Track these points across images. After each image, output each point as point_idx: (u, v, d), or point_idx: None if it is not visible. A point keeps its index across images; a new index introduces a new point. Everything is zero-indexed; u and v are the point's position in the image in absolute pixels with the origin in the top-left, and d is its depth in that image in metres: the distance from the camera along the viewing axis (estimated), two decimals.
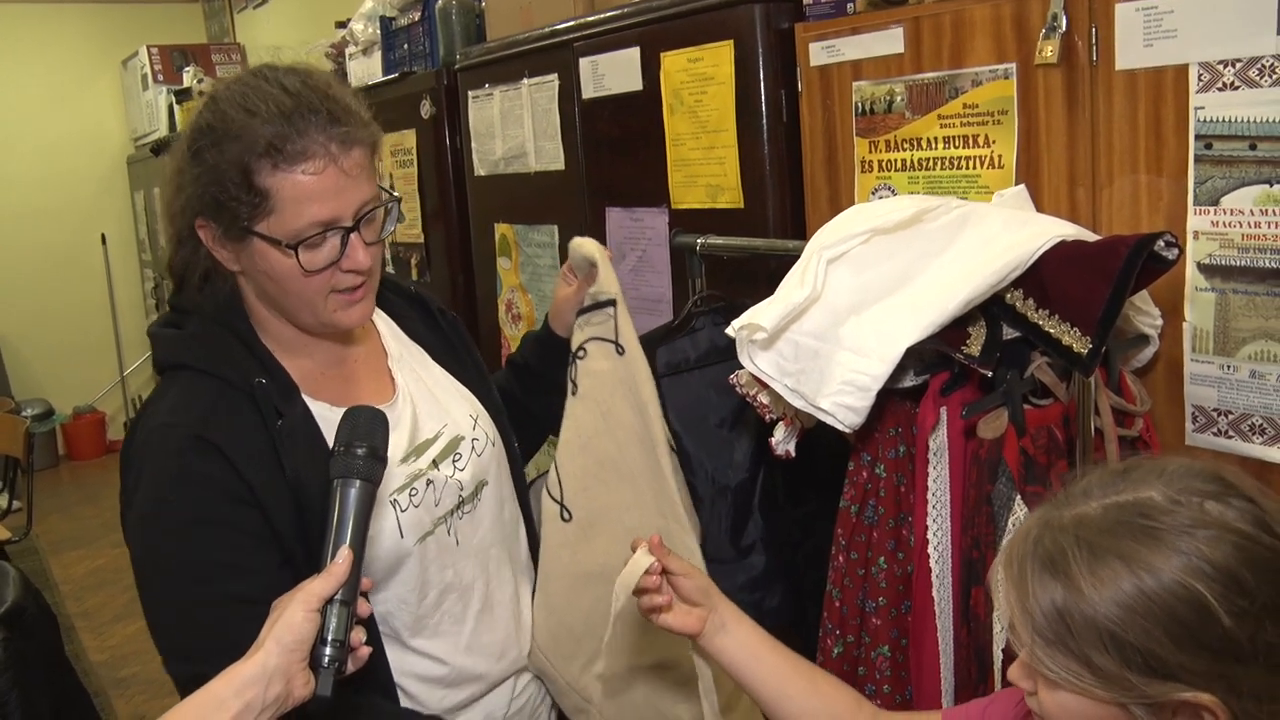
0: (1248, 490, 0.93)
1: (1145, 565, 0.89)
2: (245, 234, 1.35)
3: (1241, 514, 0.91)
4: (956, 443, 1.47)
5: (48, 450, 7.54)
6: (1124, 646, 0.88)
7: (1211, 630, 0.86)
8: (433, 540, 1.49)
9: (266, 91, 1.34)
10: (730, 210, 2.27)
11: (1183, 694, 0.88)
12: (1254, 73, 1.46)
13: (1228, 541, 0.89)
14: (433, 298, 1.74)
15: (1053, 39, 1.66)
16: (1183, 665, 0.87)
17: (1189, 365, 1.60)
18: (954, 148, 1.86)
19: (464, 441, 1.57)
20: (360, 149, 1.38)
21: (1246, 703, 0.87)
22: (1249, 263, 1.51)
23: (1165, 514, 0.91)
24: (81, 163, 7.82)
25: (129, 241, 7.97)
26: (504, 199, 3.13)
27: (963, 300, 1.43)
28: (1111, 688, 0.90)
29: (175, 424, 1.36)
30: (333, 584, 1.16)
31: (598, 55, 2.58)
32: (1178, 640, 0.87)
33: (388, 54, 3.86)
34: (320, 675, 1.14)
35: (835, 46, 2.02)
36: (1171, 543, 0.89)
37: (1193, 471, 0.95)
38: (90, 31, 7.77)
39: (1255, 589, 0.87)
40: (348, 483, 1.22)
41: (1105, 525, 0.93)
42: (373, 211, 1.41)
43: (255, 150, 1.31)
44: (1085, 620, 0.90)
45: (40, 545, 5.87)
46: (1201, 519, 0.90)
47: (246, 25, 7.54)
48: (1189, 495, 0.92)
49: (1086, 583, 0.91)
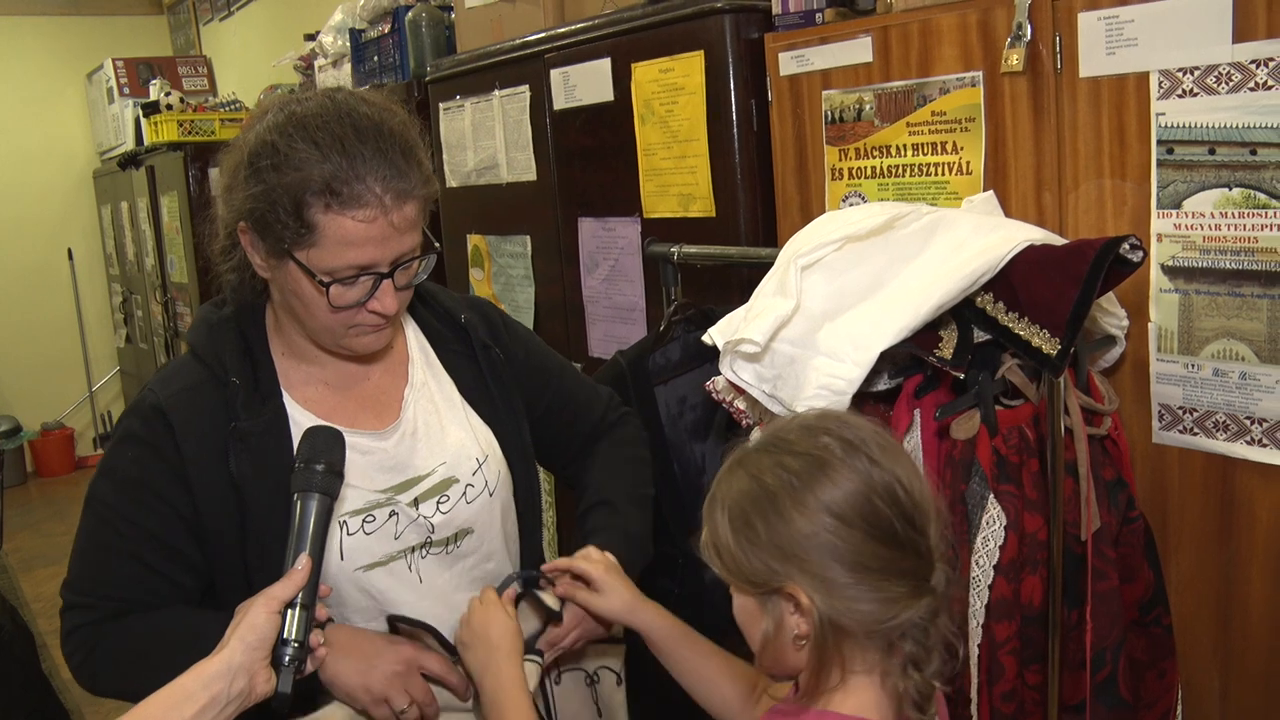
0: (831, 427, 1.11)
1: (725, 486, 1.12)
2: (284, 255, 1.37)
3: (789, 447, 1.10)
4: (930, 444, 1.50)
5: (16, 467, 7.45)
6: (733, 550, 1.09)
7: (780, 532, 1.05)
8: (384, 571, 1.49)
9: (334, 124, 1.34)
10: (702, 219, 2.30)
11: (783, 583, 1.05)
12: (1211, 80, 1.50)
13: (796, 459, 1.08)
14: (484, 330, 1.66)
15: (1018, 47, 1.69)
16: (770, 563, 1.06)
17: (1154, 365, 1.64)
18: (923, 155, 1.89)
19: (456, 485, 1.54)
20: (414, 204, 1.38)
21: (828, 594, 1.04)
22: (1210, 264, 1.55)
23: (754, 450, 1.13)
24: (47, 177, 7.74)
25: (96, 256, 7.89)
26: (476, 210, 3.14)
27: (934, 304, 1.46)
28: (742, 584, 1.10)
29: (153, 391, 1.47)
30: (292, 588, 1.24)
31: (569, 66, 2.60)
32: (758, 543, 1.07)
33: (358, 66, 3.86)
34: (281, 673, 1.22)
35: (804, 56, 2.05)
36: (749, 467, 1.11)
37: (795, 420, 1.16)
38: (55, 44, 7.70)
39: (809, 498, 1.05)
40: (308, 496, 1.30)
41: (727, 468, 1.14)
42: (410, 261, 1.42)
43: (311, 187, 1.32)
44: (717, 533, 1.11)
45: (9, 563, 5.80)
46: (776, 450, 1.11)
47: (213, 38, 7.50)
48: (780, 433, 1.13)
49: (718, 505, 1.12)
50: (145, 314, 6.64)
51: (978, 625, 1.44)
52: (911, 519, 1.06)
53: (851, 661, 1.07)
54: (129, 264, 6.91)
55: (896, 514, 1.05)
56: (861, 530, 1.04)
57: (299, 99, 1.40)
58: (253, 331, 1.51)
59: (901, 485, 1.07)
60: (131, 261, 6.81)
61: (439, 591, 1.53)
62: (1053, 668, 1.50)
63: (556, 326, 2.85)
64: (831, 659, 1.06)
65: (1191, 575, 1.67)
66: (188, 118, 5.62)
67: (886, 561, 1.04)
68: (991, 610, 1.45)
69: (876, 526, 1.04)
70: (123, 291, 7.23)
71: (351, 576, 1.46)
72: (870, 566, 1.04)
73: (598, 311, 2.67)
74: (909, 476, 1.08)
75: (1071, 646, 1.51)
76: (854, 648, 1.07)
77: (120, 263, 7.20)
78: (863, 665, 1.08)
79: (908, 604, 1.04)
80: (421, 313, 1.65)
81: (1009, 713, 1.48)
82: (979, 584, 1.44)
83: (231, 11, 7.00)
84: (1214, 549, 1.64)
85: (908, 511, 1.06)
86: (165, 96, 5.91)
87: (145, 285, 6.49)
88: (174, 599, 1.45)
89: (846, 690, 1.08)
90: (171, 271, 5.93)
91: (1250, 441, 1.56)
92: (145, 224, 6.24)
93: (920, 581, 1.06)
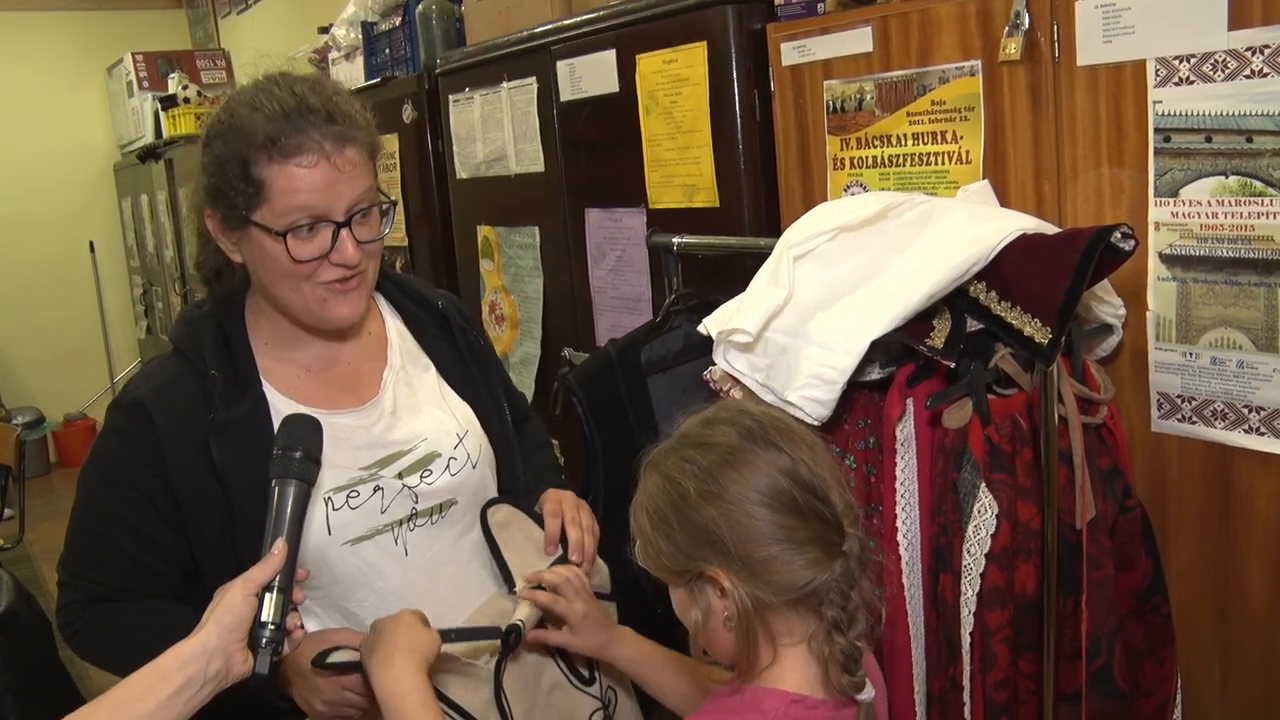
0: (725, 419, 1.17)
1: (642, 491, 1.18)
2: (243, 222, 1.44)
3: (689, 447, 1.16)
4: (923, 433, 1.50)
5: (39, 458, 7.53)
6: (656, 546, 1.15)
7: (693, 521, 1.11)
8: (370, 545, 1.52)
9: (273, 93, 1.44)
10: (706, 209, 2.31)
11: (703, 568, 1.11)
12: (1208, 68, 1.50)
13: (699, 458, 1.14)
14: (459, 316, 1.74)
15: (1016, 36, 1.69)
16: (689, 551, 1.12)
17: (1153, 353, 1.64)
18: (923, 144, 1.89)
19: (438, 459, 1.58)
20: (354, 148, 1.45)
21: (746, 571, 1.10)
22: (1208, 252, 1.55)
23: (662, 452, 1.18)
24: (68, 170, 7.81)
25: (117, 249, 7.95)
26: (485, 201, 3.15)
27: (926, 294, 1.46)
28: (666, 572, 1.16)
29: (137, 386, 1.53)
30: (269, 572, 1.27)
31: (575, 58, 2.61)
32: (674, 535, 1.13)
33: (369, 59, 3.88)
34: (259, 655, 1.25)
35: (806, 46, 2.06)
36: (660, 468, 1.16)
37: (696, 417, 1.20)
38: (75, 39, 7.76)
39: (715, 486, 1.11)
40: (285, 482, 1.33)
41: (643, 474, 1.20)
42: (366, 210, 1.47)
43: (254, 143, 1.40)
44: (643, 534, 1.17)
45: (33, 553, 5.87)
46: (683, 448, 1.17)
47: (231, 31, 7.54)
48: (683, 431, 1.19)
49: (639, 509, 1.18)
50: (165, 305, 6.70)
51: (969, 613, 1.45)
52: (814, 489, 1.11)
53: (779, 635, 1.13)
54: (149, 256, 6.97)
55: (798, 487, 1.11)
56: (767, 507, 1.10)
57: (242, 87, 1.50)
58: (231, 324, 1.56)
59: (800, 462, 1.12)
60: (152, 254, 6.87)
61: (423, 565, 1.56)
62: (1048, 656, 1.50)
63: (564, 317, 2.87)
64: (759, 635, 1.12)
65: (1190, 564, 1.67)
66: (205, 110, 5.66)
67: (793, 530, 1.10)
68: (983, 598, 1.45)
69: (780, 501, 1.10)
70: (143, 283, 7.29)
71: (340, 550, 1.50)
72: (779, 538, 1.09)
73: (605, 302, 2.68)
74: (807, 454, 1.14)
75: (1067, 635, 1.51)
76: (779, 620, 1.12)
77: (141, 255, 7.26)
78: (790, 637, 1.13)
79: (821, 567, 1.10)
80: (399, 298, 1.71)
81: (1002, 701, 1.48)
82: (970, 572, 1.44)
83: (249, 4, 7.03)
84: (1213, 537, 1.64)
85: (808, 483, 1.11)
86: (183, 90, 5.95)
87: (165, 277, 6.55)
88: (153, 584, 1.52)
89: (781, 666, 1.14)
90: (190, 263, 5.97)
91: (1248, 430, 1.56)
92: (165, 216, 6.29)
93: (830, 546, 1.11)
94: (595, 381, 2.05)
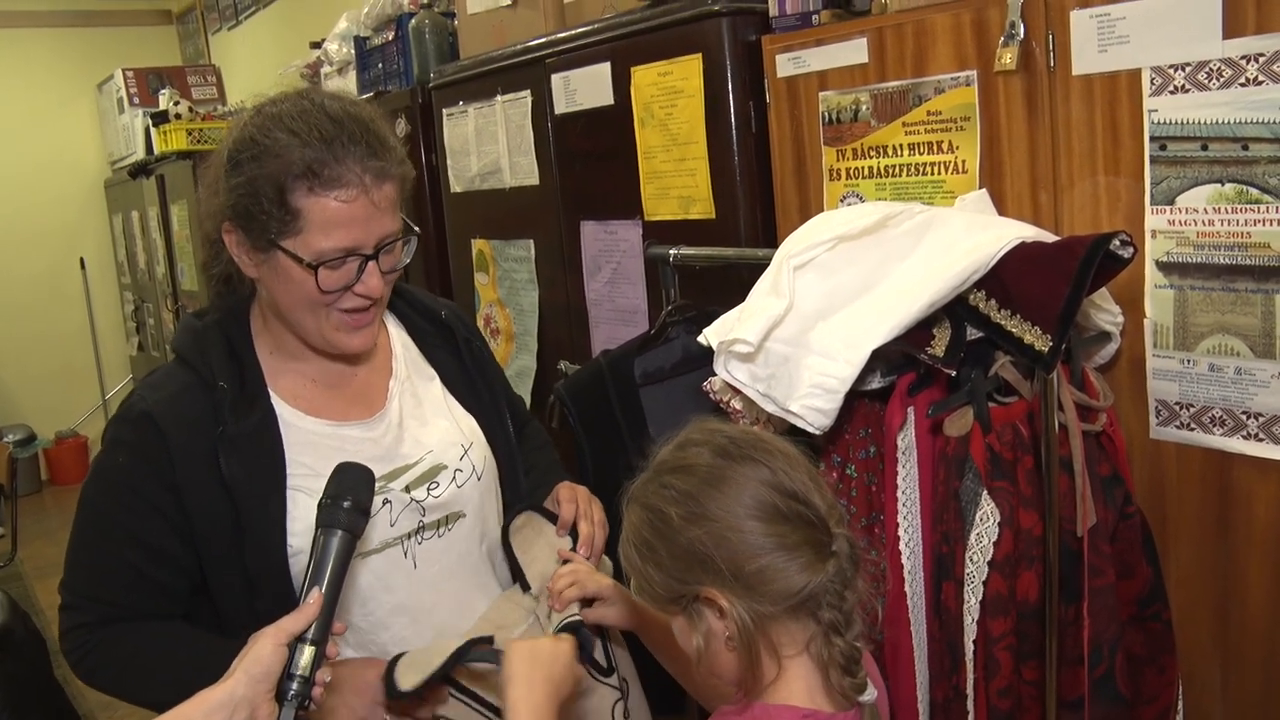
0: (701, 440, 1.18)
1: (626, 524, 1.18)
2: (270, 246, 1.40)
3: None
4: (924, 441, 1.50)
5: (30, 475, 7.48)
6: (648, 576, 1.15)
7: (680, 545, 1.12)
8: (380, 558, 1.52)
9: (311, 115, 1.39)
10: (702, 221, 2.31)
11: (698, 590, 1.11)
12: (1202, 76, 1.51)
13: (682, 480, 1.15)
14: (463, 326, 1.73)
15: (1011, 46, 1.70)
16: (680, 576, 1.13)
17: (1151, 360, 1.64)
18: (919, 154, 1.90)
19: (444, 471, 1.58)
20: (392, 184, 1.43)
21: (740, 586, 1.10)
22: (1204, 259, 1.56)
23: (641, 483, 1.19)
24: (59, 187, 7.78)
25: (108, 265, 7.93)
26: (480, 215, 3.15)
27: (926, 303, 1.47)
28: (663, 602, 1.16)
29: (142, 398, 1.49)
30: (303, 622, 1.23)
31: (569, 71, 2.61)
32: (663, 562, 1.13)
33: (363, 73, 3.88)
34: (284, 708, 1.21)
35: (801, 58, 2.06)
36: (640, 499, 1.17)
37: (668, 444, 1.21)
38: (65, 55, 7.75)
39: (696, 507, 1.12)
40: (330, 532, 1.29)
41: (625, 508, 1.20)
42: (393, 243, 1.46)
43: (293, 171, 1.36)
44: (634, 568, 1.18)
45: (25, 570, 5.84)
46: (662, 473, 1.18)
47: (221, 47, 7.54)
48: (659, 459, 1.20)
49: (627, 543, 1.19)
50: (157, 322, 6.68)
51: (973, 621, 1.45)
52: (796, 495, 1.12)
53: (782, 646, 1.13)
54: (140, 272, 6.95)
55: (781, 496, 1.12)
56: (756, 519, 1.11)
57: (272, 100, 1.45)
58: (237, 333, 1.54)
59: (780, 471, 1.13)
60: (143, 270, 6.85)
61: (431, 577, 1.56)
62: (1050, 664, 1.50)
63: (560, 330, 2.87)
64: (762, 650, 1.12)
65: (1190, 570, 1.67)
66: (196, 126, 5.66)
67: (781, 537, 1.10)
68: (986, 606, 1.45)
69: (767, 511, 1.11)
70: (135, 300, 7.27)
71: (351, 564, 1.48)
72: (771, 547, 1.10)
73: (601, 314, 2.68)
74: (784, 462, 1.15)
75: (1068, 642, 1.52)
76: (780, 631, 1.13)
77: (132, 271, 7.24)
78: (792, 647, 1.13)
79: (815, 570, 1.10)
80: (404, 309, 1.70)
81: (1005, 709, 1.48)
82: (973, 580, 1.45)
83: (240, 20, 7.03)
84: (1212, 543, 1.64)
85: (791, 490, 1.12)
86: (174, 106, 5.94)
87: (156, 293, 6.53)
88: (161, 599, 1.49)
89: (786, 679, 1.14)
90: (182, 279, 5.96)
91: (1247, 436, 1.57)
92: (156, 232, 6.28)
93: (820, 547, 1.11)
94: (586, 392, 2.06)
